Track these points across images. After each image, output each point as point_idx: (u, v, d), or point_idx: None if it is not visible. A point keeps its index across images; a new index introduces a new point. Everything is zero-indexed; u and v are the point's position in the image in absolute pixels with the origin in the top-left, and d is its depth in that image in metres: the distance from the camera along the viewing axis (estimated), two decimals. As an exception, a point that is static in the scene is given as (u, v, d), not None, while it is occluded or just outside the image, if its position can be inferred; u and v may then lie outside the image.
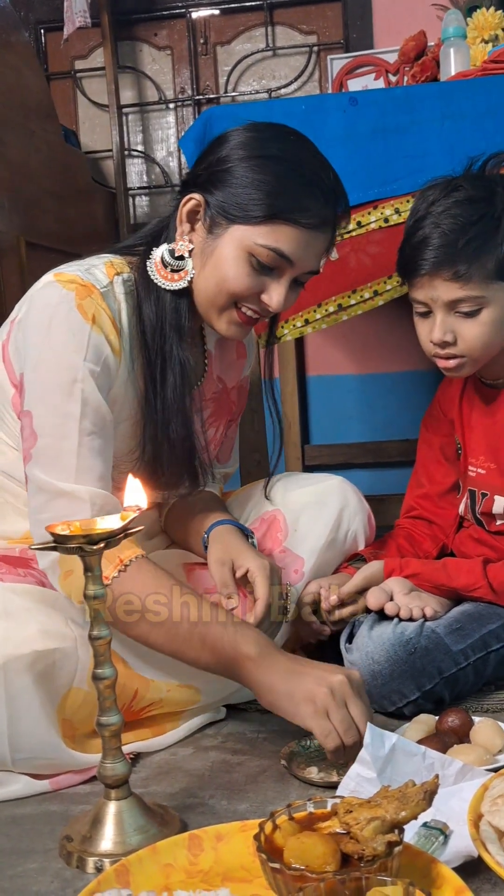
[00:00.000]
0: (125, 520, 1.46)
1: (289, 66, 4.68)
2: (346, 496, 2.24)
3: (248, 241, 1.82)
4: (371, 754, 1.48)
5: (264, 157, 1.83)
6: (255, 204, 1.81)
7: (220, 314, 1.91)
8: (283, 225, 1.81)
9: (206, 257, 1.87)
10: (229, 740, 1.93)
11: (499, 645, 2.05)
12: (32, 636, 1.71)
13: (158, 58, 4.81)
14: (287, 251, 1.83)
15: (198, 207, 1.87)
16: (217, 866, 1.35)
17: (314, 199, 1.83)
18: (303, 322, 2.81)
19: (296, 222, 1.81)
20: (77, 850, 1.48)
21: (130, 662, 1.88)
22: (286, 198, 1.81)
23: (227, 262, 1.84)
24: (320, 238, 1.88)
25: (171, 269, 1.89)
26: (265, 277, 1.86)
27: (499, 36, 3.07)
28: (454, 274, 2.00)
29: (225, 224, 1.84)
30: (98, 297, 1.82)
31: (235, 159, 1.84)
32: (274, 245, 1.82)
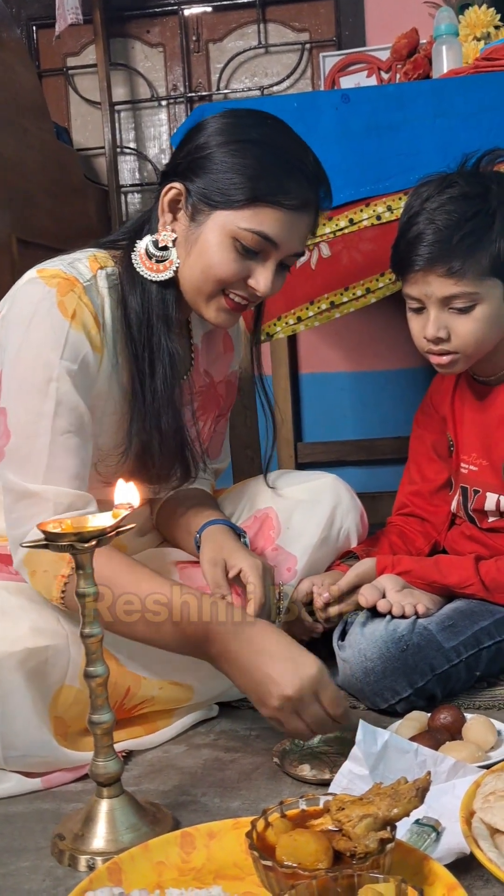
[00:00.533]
0: (117, 518, 1.46)
1: (281, 64, 4.68)
2: (339, 494, 2.24)
3: (231, 226, 1.82)
4: (363, 751, 1.48)
5: (244, 142, 1.83)
6: (237, 188, 1.81)
7: (207, 302, 1.90)
8: (265, 207, 1.81)
9: (191, 245, 1.87)
10: (222, 738, 1.93)
11: (490, 642, 2.05)
12: (24, 634, 1.71)
13: (151, 55, 4.81)
14: (271, 234, 1.82)
15: (179, 196, 1.87)
16: (209, 864, 1.35)
17: (295, 180, 1.83)
18: (295, 319, 2.81)
19: (278, 204, 1.81)
20: (69, 849, 1.47)
21: (122, 660, 1.88)
22: (267, 180, 1.81)
23: (211, 249, 1.84)
24: (303, 219, 1.88)
25: (155, 259, 1.89)
26: (251, 262, 1.86)
27: (491, 33, 3.07)
28: (448, 270, 2.01)
29: (207, 210, 1.84)
30: (81, 291, 1.81)
31: (214, 145, 1.84)
32: (258, 228, 1.81)
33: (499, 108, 2.55)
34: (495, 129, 2.53)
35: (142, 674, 1.89)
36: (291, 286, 2.76)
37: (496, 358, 2.19)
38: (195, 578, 2.07)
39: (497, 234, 2.02)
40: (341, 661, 2.02)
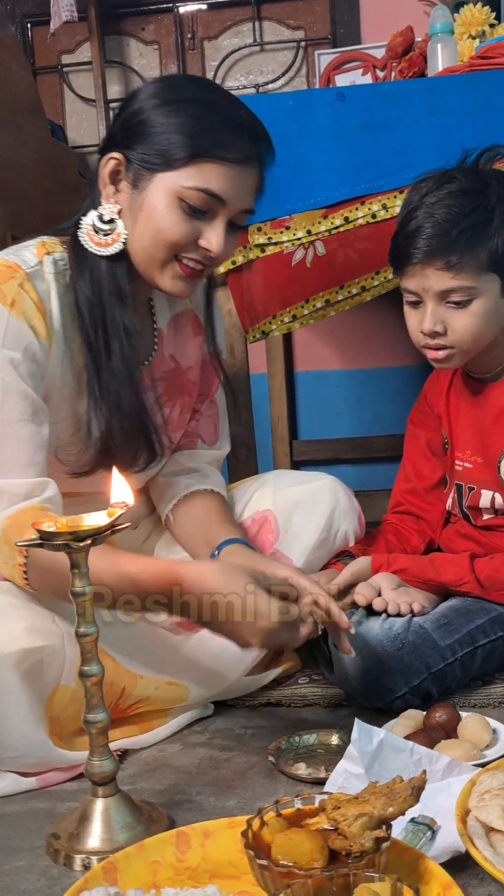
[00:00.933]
0: (112, 516, 1.46)
1: (276, 62, 4.68)
2: (338, 496, 2.23)
3: (175, 186, 1.78)
4: (359, 750, 1.48)
5: (178, 101, 1.80)
6: (176, 147, 1.77)
7: (161, 270, 1.85)
8: (207, 163, 1.77)
9: (136, 213, 1.82)
10: (217, 737, 1.93)
11: (486, 640, 2.05)
12: (19, 634, 1.71)
13: (145, 52, 4.80)
14: (216, 189, 1.78)
15: (119, 166, 1.83)
16: (205, 863, 1.36)
17: (234, 134, 1.80)
18: (290, 318, 2.81)
19: (220, 158, 1.77)
20: (64, 848, 1.48)
21: (118, 659, 1.88)
22: (206, 136, 1.77)
23: (157, 213, 1.80)
24: (247, 173, 1.83)
25: (102, 234, 1.85)
26: (199, 222, 1.81)
27: (486, 31, 3.07)
28: (446, 264, 2.01)
29: (149, 175, 1.80)
30: (22, 278, 1.79)
31: (149, 109, 1.80)
32: (202, 185, 1.77)
33: (494, 106, 2.55)
34: (490, 127, 2.53)
35: (138, 672, 1.89)
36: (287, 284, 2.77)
37: (491, 355, 2.19)
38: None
39: (495, 230, 2.02)
40: (337, 659, 2.02)
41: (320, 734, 1.80)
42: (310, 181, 2.60)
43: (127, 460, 1.93)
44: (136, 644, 1.89)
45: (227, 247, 1.85)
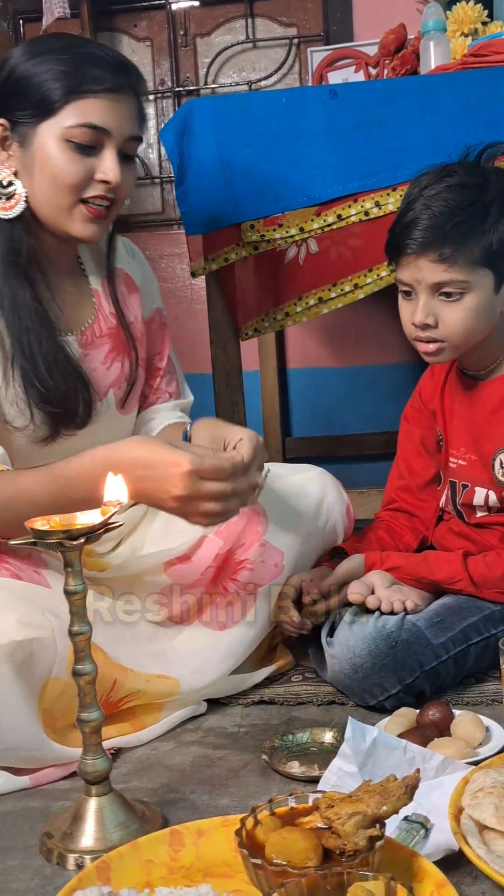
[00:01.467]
0: (105, 515, 1.46)
1: (269, 59, 4.68)
2: (325, 487, 2.24)
3: (58, 130, 1.88)
4: (352, 748, 1.48)
5: (42, 54, 1.90)
6: (50, 93, 1.87)
7: (69, 215, 1.94)
8: (83, 99, 1.87)
9: (31, 169, 1.92)
10: (210, 735, 1.93)
11: (479, 638, 2.05)
12: (11, 626, 1.71)
13: (138, 49, 4.80)
14: (97, 121, 1.89)
15: (5, 132, 1.93)
16: (198, 862, 1.36)
17: (100, 67, 1.90)
18: (283, 315, 2.81)
19: (92, 92, 1.88)
20: (57, 847, 1.47)
21: (109, 652, 1.88)
22: (74, 75, 1.87)
23: (50, 160, 1.89)
24: (123, 101, 1.93)
25: (4, 198, 1.94)
26: (91, 158, 1.91)
27: (478, 29, 3.07)
28: (440, 256, 2.01)
29: (33, 129, 1.90)
30: None
31: (19, 68, 1.91)
32: (83, 120, 1.88)
33: (486, 104, 2.56)
34: (483, 125, 2.53)
35: (128, 666, 1.90)
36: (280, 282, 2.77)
37: (485, 352, 2.20)
38: (185, 575, 2.08)
39: (490, 226, 2.02)
40: (330, 657, 2.02)
41: (313, 732, 1.81)
42: (303, 179, 2.60)
43: (67, 415, 2.00)
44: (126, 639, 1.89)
45: (124, 177, 1.95)
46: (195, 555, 2.12)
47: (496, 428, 2.19)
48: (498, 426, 2.19)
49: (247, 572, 2.11)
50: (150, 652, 1.90)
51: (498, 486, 2.18)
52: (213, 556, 2.10)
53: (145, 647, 1.89)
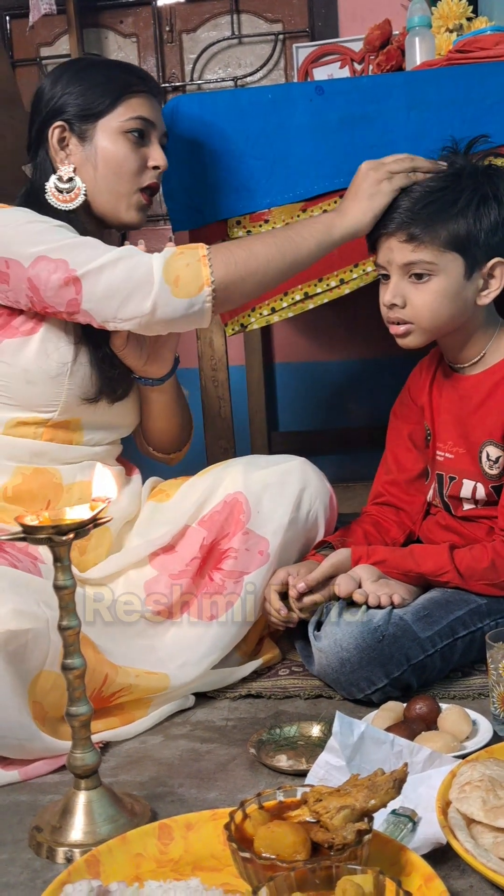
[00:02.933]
0: (94, 510, 1.47)
1: (254, 55, 4.67)
2: (307, 476, 2.25)
3: (116, 124, 2.20)
4: (340, 742, 1.49)
5: (83, 69, 2.24)
6: (103, 95, 2.19)
7: (128, 203, 2.25)
8: (131, 98, 2.21)
9: (94, 161, 2.21)
10: (198, 728, 1.94)
11: (465, 631, 2.06)
12: (5, 616, 1.71)
13: (124, 45, 4.79)
14: (145, 114, 2.22)
15: (63, 133, 2.21)
16: (187, 855, 1.36)
17: (133, 74, 2.26)
18: (269, 310, 2.81)
19: (137, 92, 2.22)
20: (47, 841, 1.48)
21: (100, 647, 1.88)
22: (118, 81, 2.21)
23: (112, 151, 2.20)
24: (156, 102, 2.28)
25: (65, 192, 2.19)
26: (143, 147, 2.24)
27: (463, 25, 3.07)
28: (409, 236, 2.08)
29: (92, 126, 2.20)
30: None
31: (65, 81, 2.21)
32: (135, 114, 2.21)
33: (471, 100, 2.56)
34: (468, 121, 2.53)
35: (119, 662, 1.90)
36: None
37: (467, 344, 2.23)
38: (168, 566, 2.09)
39: (459, 210, 2.07)
40: (317, 651, 2.03)
41: (301, 726, 1.81)
42: (289, 175, 2.60)
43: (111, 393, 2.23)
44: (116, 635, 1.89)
45: (165, 160, 2.27)
46: (179, 545, 2.14)
47: (482, 420, 2.20)
48: (484, 418, 2.20)
49: (232, 560, 2.12)
50: (139, 647, 1.90)
51: (485, 478, 2.19)
52: (199, 546, 2.12)
53: (135, 642, 1.89)
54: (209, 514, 2.16)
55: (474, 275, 2.11)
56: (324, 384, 4.51)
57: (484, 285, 2.13)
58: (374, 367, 4.37)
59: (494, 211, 2.09)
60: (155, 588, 2.09)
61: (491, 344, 2.22)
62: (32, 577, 1.83)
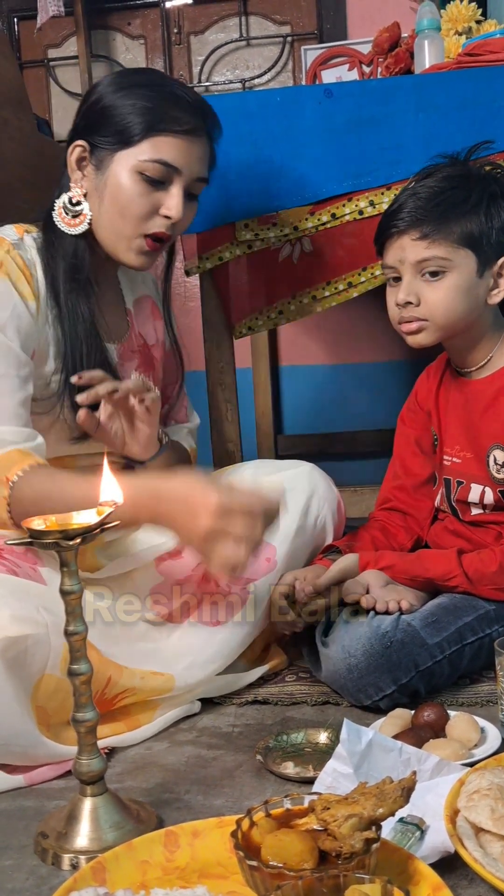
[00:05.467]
0: (101, 515, 1.46)
1: (262, 57, 4.68)
2: (315, 482, 2.25)
3: (133, 161, 2.00)
4: (347, 750, 1.48)
5: (130, 87, 2.02)
6: (132, 125, 1.99)
7: (128, 245, 2.06)
8: (160, 136, 2.00)
9: (101, 192, 2.04)
10: (204, 735, 1.93)
11: (474, 637, 2.06)
12: (3, 622, 1.70)
13: (132, 47, 4.79)
14: (170, 159, 2.00)
15: (84, 153, 2.06)
16: (194, 863, 1.35)
17: (182, 109, 2.01)
18: (276, 313, 2.81)
19: (170, 131, 2.00)
20: (52, 847, 1.47)
21: (103, 650, 1.88)
22: (156, 112, 1.99)
23: (121, 188, 2.02)
24: (197, 144, 2.05)
25: (71, 214, 2.06)
26: (159, 192, 2.03)
27: (472, 28, 3.07)
28: (421, 234, 2.08)
29: (110, 156, 2.02)
30: (8, 246, 1.99)
31: (106, 96, 2.03)
32: (158, 156, 1.99)
33: (480, 103, 2.56)
34: (477, 124, 2.54)
35: (123, 663, 1.90)
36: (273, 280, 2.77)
37: (475, 346, 2.23)
38: (174, 571, 2.08)
39: (471, 206, 2.08)
40: (325, 657, 2.02)
41: (308, 732, 1.80)
42: (297, 178, 2.60)
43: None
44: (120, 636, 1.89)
45: (185, 214, 2.07)
46: (186, 550, 2.12)
47: (489, 424, 2.20)
48: (491, 422, 2.20)
49: None
50: (143, 650, 1.90)
51: (493, 482, 2.19)
52: None
53: (139, 644, 1.88)
54: None
55: (486, 273, 2.11)
56: (330, 387, 4.52)
57: (494, 284, 2.13)
58: (381, 371, 4.37)
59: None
60: (160, 591, 2.08)
61: (497, 348, 2.22)
62: (32, 583, 1.82)
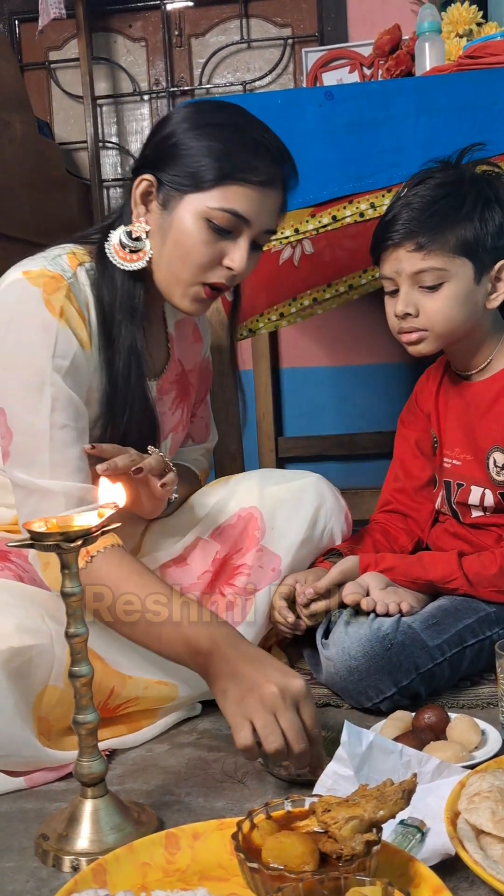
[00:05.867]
0: (102, 517, 1.46)
1: (263, 59, 4.68)
2: (323, 494, 2.23)
3: (202, 207, 1.85)
4: (348, 752, 1.48)
5: (208, 126, 1.88)
6: (205, 170, 1.84)
7: (185, 290, 1.93)
8: (234, 185, 1.85)
9: (165, 233, 1.90)
10: (205, 737, 1.93)
11: (474, 640, 2.06)
12: (9, 632, 1.70)
13: (133, 49, 4.80)
14: (242, 210, 1.86)
15: (150, 188, 1.91)
16: (194, 865, 1.35)
17: (261, 157, 1.87)
18: (278, 315, 2.81)
19: (246, 181, 1.85)
20: (53, 849, 1.47)
21: (108, 659, 1.88)
22: (234, 159, 1.85)
23: (186, 233, 1.87)
24: (271, 196, 1.91)
25: (129, 250, 1.92)
26: (225, 242, 1.89)
27: (473, 30, 3.08)
28: (417, 245, 2.08)
29: (178, 196, 1.87)
30: (66, 288, 1.84)
31: (180, 133, 1.88)
32: (228, 206, 1.85)
33: (481, 105, 2.56)
34: (478, 126, 2.53)
35: (127, 672, 1.89)
36: (274, 282, 2.77)
37: (474, 350, 2.24)
38: (180, 579, 2.08)
39: (465, 214, 2.08)
40: (325, 659, 2.02)
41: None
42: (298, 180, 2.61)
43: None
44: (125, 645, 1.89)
45: (248, 265, 1.93)
46: (191, 557, 2.12)
47: (489, 426, 2.20)
48: (491, 425, 2.20)
49: (244, 577, 2.11)
50: (148, 657, 1.89)
51: (493, 484, 2.19)
52: (211, 560, 2.11)
53: (144, 652, 1.88)
54: (222, 526, 2.15)
55: (483, 279, 2.11)
56: (331, 389, 4.52)
57: (492, 289, 2.13)
58: (381, 372, 4.38)
59: (498, 214, 2.10)
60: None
61: (497, 350, 2.22)
62: (38, 589, 1.82)
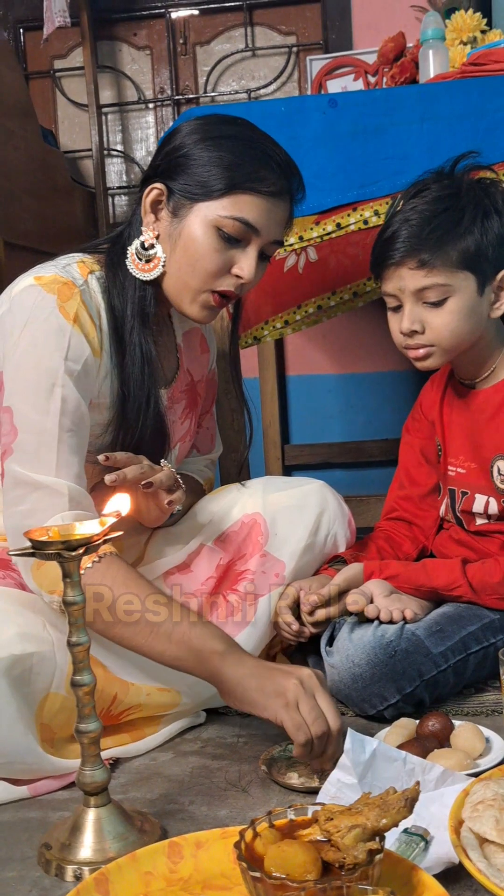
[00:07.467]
0: (104, 525, 1.46)
1: (268, 67, 4.68)
2: (326, 500, 2.23)
3: (212, 215, 1.89)
4: (352, 760, 1.48)
5: (218, 138, 1.91)
6: (215, 179, 1.88)
7: (194, 297, 1.96)
8: (243, 195, 1.89)
9: (174, 241, 1.93)
10: (209, 745, 1.93)
11: (478, 647, 2.05)
12: (10, 640, 1.70)
13: (138, 57, 4.80)
14: (251, 219, 1.90)
15: (160, 196, 1.94)
16: (197, 874, 1.35)
17: (269, 169, 1.91)
18: (283, 323, 2.81)
19: (255, 191, 1.89)
20: (56, 858, 1.47)
21: (109, 666, 1.88)
22: (243, 169, 1.89)
23: (196, 241, 1.91)
24: (280, 206, 1.95)
25: (144, 259, 1.95)
26: (234, 250, 1.92)
27: (477, 38, 3.08)
28: (419, 262, 2.06)
29: (188, 205, 1.91)
30: (78, 295, 1.86)
31: (190, 144, 1.92)
32: (238, 215, 1.89)
33: (485, 113, 2.56)
34: (481, 133, 2.53)
35: (129, 679, 1.89)
36: (279, 290, 2.77)
37: (478, 359, 2.23)
38: (184, 584, 2.07)
39: (465, 229, 2.07)
40: (329, 666, 2.02)
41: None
42: (302, 187, 2.61)
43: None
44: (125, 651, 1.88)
45: (256, 275, 1.97)
46: (194, 564, 2.12)
47: (493, 435, 2.20)
48: (495, 433, 2.20)
49: (248, 583, 2.10)
50: (150, 664, 1.89)
51: (498, 492, 2.18)
52: (214, 566, 2.11)
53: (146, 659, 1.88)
54: (226, 533, 2.16)
55: (486, 290, 2.11)
56: (337, 397, 4.52)
57: (495, 298, 2.13)
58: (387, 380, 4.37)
59: (497, 224, 2.09)
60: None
61: (500, 359, 2.22)
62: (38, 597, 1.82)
